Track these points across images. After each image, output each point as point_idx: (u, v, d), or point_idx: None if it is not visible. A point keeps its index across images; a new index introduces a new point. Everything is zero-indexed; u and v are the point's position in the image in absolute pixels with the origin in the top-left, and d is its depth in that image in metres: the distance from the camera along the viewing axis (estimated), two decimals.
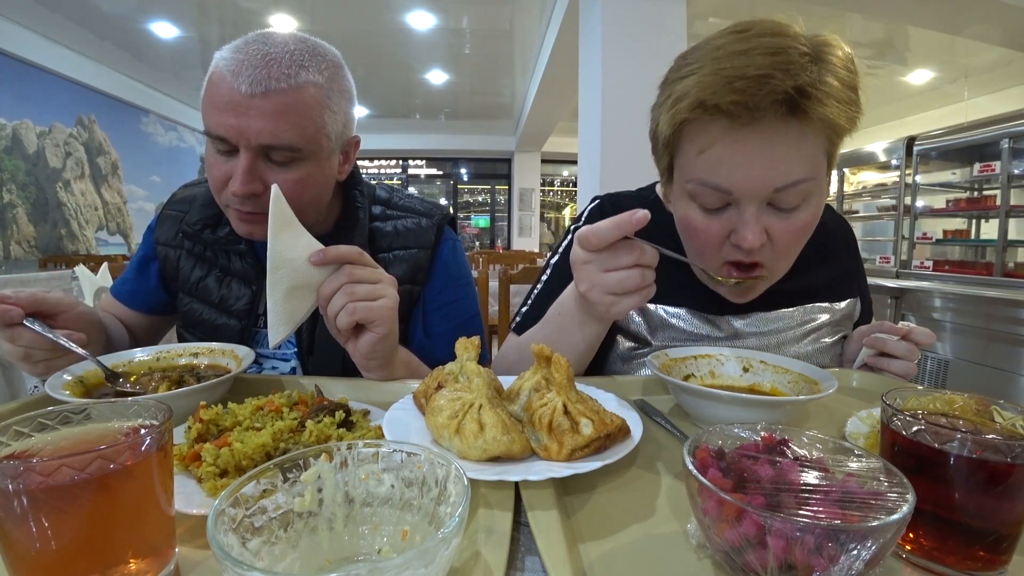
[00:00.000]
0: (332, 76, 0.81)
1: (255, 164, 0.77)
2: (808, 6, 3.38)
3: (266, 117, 0.74)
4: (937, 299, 3.03)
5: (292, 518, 0.34)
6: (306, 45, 0.79)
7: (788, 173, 0.66)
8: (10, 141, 5.01)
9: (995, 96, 5.55)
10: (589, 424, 0.48)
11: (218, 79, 0.75)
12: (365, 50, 5.74)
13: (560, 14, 4.01)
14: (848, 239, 0.98)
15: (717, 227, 0.72)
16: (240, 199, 0.78)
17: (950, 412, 0.44)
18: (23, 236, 5.22)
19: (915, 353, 0.76)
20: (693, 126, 0.69)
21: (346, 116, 0.85)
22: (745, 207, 0.69)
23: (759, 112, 0.62)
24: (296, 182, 0.80)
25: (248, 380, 0.76)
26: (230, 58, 0.75)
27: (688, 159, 0.71)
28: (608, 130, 2.96)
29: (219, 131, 0.75)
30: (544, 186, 10.58)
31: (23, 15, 4.80)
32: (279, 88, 0.74)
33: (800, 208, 0.70)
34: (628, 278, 0.61)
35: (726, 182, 0.68)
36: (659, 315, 0.88)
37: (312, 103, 0.78)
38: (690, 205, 0.74)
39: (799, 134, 0.64)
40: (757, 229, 0.68)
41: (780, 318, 0.88)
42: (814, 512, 0.33)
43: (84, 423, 0.38)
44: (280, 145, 0.76)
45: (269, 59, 0.74)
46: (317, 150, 0.81)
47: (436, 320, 0.98)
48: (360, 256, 0.70)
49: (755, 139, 0.64)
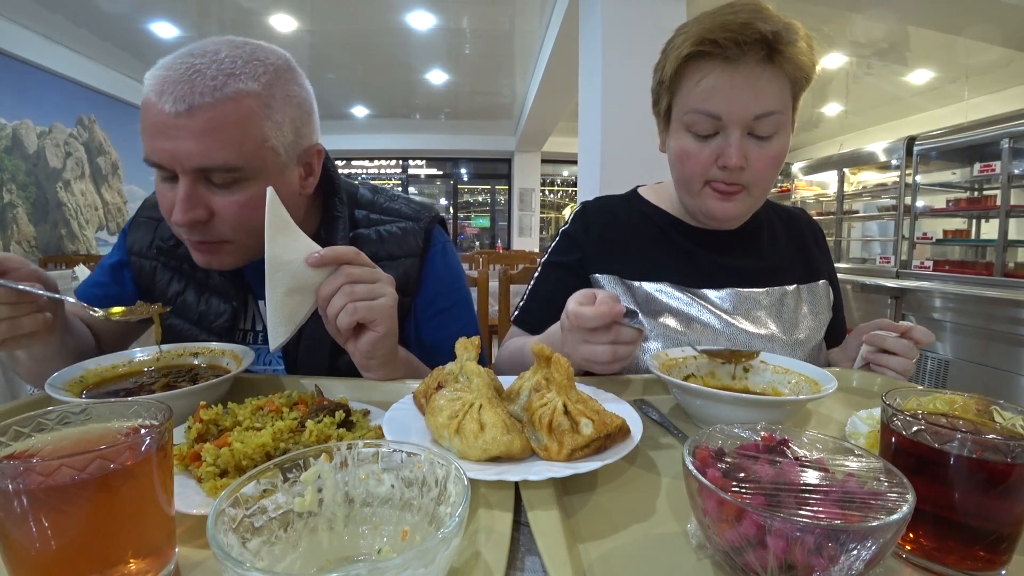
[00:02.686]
0: (272, 82, 0.73)
1: (195, 189, 0.71)
2: (808, 6, 3.38)
3: (195, 137, 0.68)
4: (937, 299, 3.03)
5: (292, 518, 0.34)
6: (240, 51, 0.72)
7: (766, 103, 0.81)
8: (10, 141, 5.01)
9: (995, 96, 5.55)
10: (589, 424, 0.48)
11: (146, 102, 0.69)
12: (365, 50, 5.74)
13: (560, 14, 4.01)
14: (817, 233, 1.10)
15: (707, 152, 0.85)
16: (186, 229, 0.73)
17: (950, 412, 0.44)
18: (23, 236, 5.22)
19: (913, 351, 0.78)
20: (693, 65, 0.84)
21: (297, 125, 0.77)
22: (731, 132, 0.83)
23: (745, 48, 0.78)
24: (243, 204, 0.73)
25: (248, 380, 0.76)
26: (155, 76, 0.68)
27: (687, 92, 0.85)
28: (608, 130, 2.95)
29: (152, 157, 0.70)
30: (544, 186, 10.58)
31: (23, 15, 4.79)
32: (204, 103, 0.67)
33: (773, 138, 0.84)
34: (601, 353, 0.67)
35: (717, 108, 0.82)
36: (644, 290, 0.95)
37: (246, 115, 0.70)
38: (685, 135, 0.87)
39: (773, 74, 0.81)
40: (740, 151, 0.82)
41: (752, 295, 0.96)
42: (814, 512, 0.33)
43: (84, 423, 0.38)
44: (216, 166, 0.70)
45: (193, 71, 0.67)
46: (262, 167, 0.73)
47: (430, 330, 0.94)
48: (357, 256, 0.70)
49: (741, 74, 0.80)
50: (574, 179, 10.92)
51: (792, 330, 0.94)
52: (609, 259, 0.98)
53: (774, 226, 1.04)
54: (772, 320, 0.95)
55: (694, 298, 0.94)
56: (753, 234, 1.01)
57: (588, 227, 1.01)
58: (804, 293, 0.99)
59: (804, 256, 1.04)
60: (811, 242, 1.06)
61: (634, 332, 0.67)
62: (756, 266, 0.97)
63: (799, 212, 1.12)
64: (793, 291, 0.98)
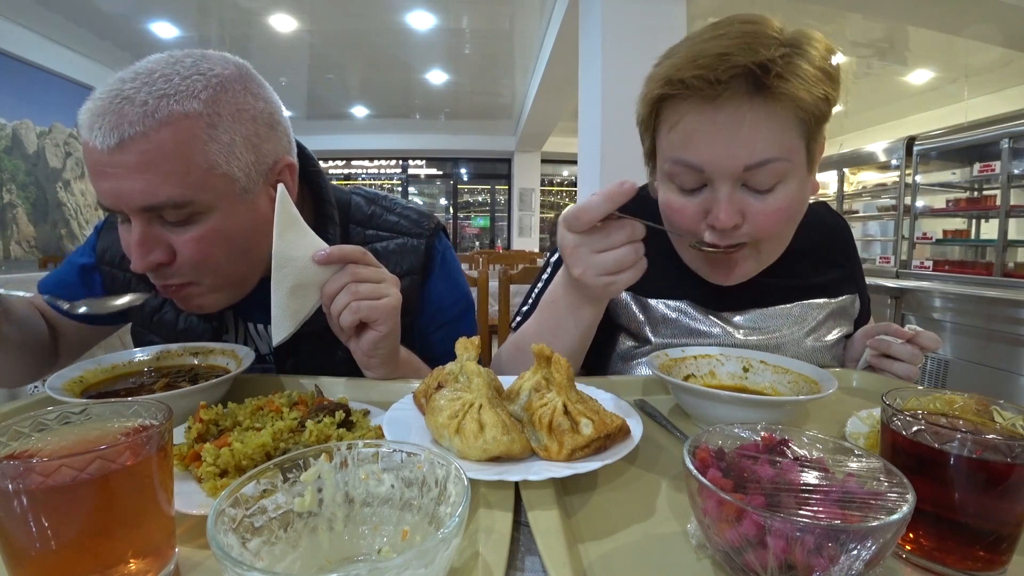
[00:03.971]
0: (214, 98, 0.64)
1: (149, 230, 0.64)
2: (808, 6, 3.38)
3: (132, 173, 0.60)
4: (937, 299, 3.03)
5: (292, 518, 0.34)
6: (177, 67, 0.63)
7: (756, 151, 0.66)
8: (10, 141, 5.01)
9: (995, 96, 5.55)
10: (589, 424, 0.48)
11: (83, 140, 0.62)
12: (365, 50, 5.74)
13: (560, 14, 4.01)
14: (846, 239, 0.99)
15: (693, 207, 0.72)
16: (152, 275, 0.68)
17: (950, 412, 0.44)
18: (23, 236, 5.22)
19: (919, 357, 0.77)
20: (667, 105, 0.71)
21: (255, 143, 0.68)
22: (719, 186, 0.69)
23: (723, 87, 0.64)
24: (201, 240, 0.66)
25: (248, 380, 0.76)
26: (86, 108, 0.61)
27: (663, 137, 0.74)
28: (608, 130, 2.95)
29: (102, 201, 0.64)
30: (544, 186, 10.58)
31: (23, 15, 4.80)
32: (135, 133, 0.59)
33: (775, 190, 0.70)
34: (624, 256, 0.61)
35: (696, 158, 0.69)
36: (660, 310, 0.88)
37: (186, 139, 0.62)
38: (669, 186, 0.75)
39: (767, 113, 0.66)
40: (730, 209, 0.69)
41: (777, 315, 0.88)
42: (814, 512, 0.33)
43: (84, 423, 0.38)
44: (161, 203, 0.62)
45: (121, 99, 0.59)
46: (216, 197, 0.66)
47: (436, 342, 0.92)
48: (363, 256, 0.70)
49: (722, 115, 0.66)
50: (574, 179, 10.91)
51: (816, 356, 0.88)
52: None
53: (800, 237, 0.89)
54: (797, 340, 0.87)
55: (715, 323, 0.87)
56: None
57: None
58: (831, 308, 0.91)
59: (832, 270, 0.94)
60: (840, 253, 0.96)
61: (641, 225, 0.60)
62: (779, 284, 0.87)
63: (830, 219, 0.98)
64: (820, 305, 0.90)
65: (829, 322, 0.90)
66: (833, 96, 0.67)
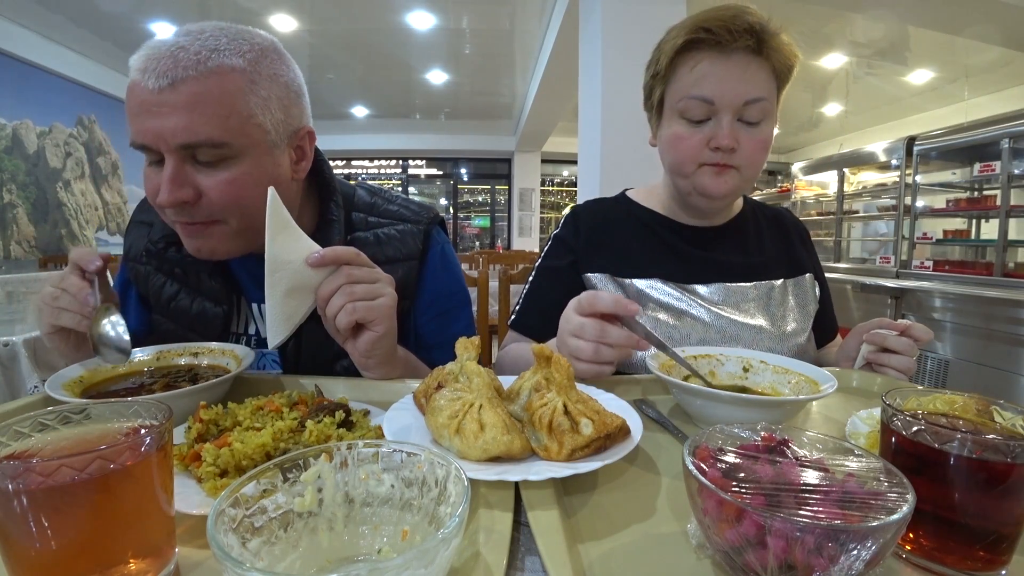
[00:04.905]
0: (257, 59, 0.72)
1: (181, 169, 0.70)
2: (808, 6, 3.37)
3: (179, 111, 0.66)
4: (937, 299, 3.02)
5: (292, 518, 0.34)
6: (226, 31, 0.72)
7: (755, 90, 0.87)
8: (10, 141, 5.01)
9: (995, 96, 5.55)
10: (589, 424, 0.48)
11: (131, 83, 0.68)
12: (365, 50, 5.74)
13: (560, 14, 4.01)
14: (801, 230, 1.14)
15: (699, 136, 0.90)
16: (174, 210, 0.72)
17: (950, 412, 0.44)
18: (23, 236, 5.22)
19: (914, 349, 0.79)
20: (687, 55, 0.89)
21: (285, 104, 0.76)
22: (722, 116, 0.88)
23: (736, 36, 0.84)
24: (230, 182, 0.72)
25: (248, 380, 0.76)
26: (139, 56, 0.68)
27: (681, 80, 0.90)
28: (608, 130, 2.95)
29: (138, 139, 0.69)
30: (544, 186, 10.57)
31: (23, 15, 4.79)
32: (187, 76, 0.66)
33: (761, 124, 0.90)
34: (583, 348, 0.67)
35: (710, 93, 0.87)
36: (635, 287, 0.98)
37: (231, 89, 0.69)
38: (679, 121, 0.92)
39: (760, 65, 0.88)
40: (731, 133, 0.87)
41: (740, 289, 0.99)
42: (814, 512, 0.33)
43: (84, 423, 0.38)
44: (200, 141, 0.68)
45: (177, 48, 0.67)
46: (250, 144, 0.72)
47: (430, 332, 0.94)
48: (357, 257, 0.70)
49: (732, 63, 0.87)
50: (574, 179, 10.91)
51: (780, 322, 0.97)
52: (600, 258, 1.00)
53: (759, 223, 1.09)
54: (760, 313, 0.98)
55: (684, 293, 0.97)
56: (739, 231, 1.05)
57: (579, 229, 1.04)
58: (790, 287, 1.03)
59: (789, 252, 1.07)
60: (796, 239, 1.10)
61: (623, 336, 0.67)
62: (743, 261, 1.01)
63: (783, 211, 1.17)
64: (780, 285, 1.02)
65: (788, 299, 1.02)
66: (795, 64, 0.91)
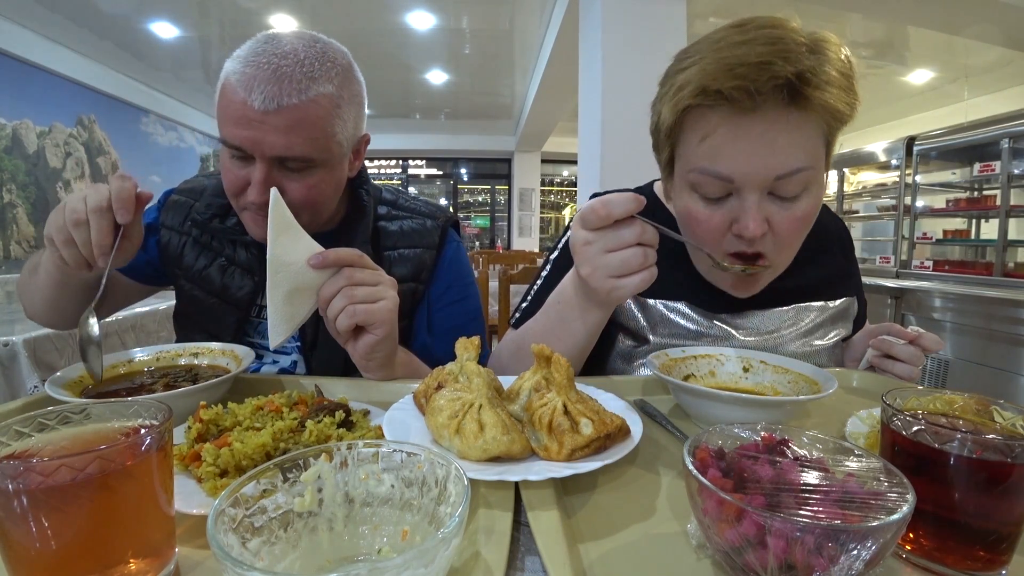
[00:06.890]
0: (343, 83, 0.81)
1: (271, 173, 0.79)
2: (808, 6, 3.37)
3: (280, 132, 0.76)
4: (937, 299, 3.03)
5: (292, 518, 0.34)
6: (315, 50, 0.79)
7: (789, 161, 0.66)
8: (10, 141, 5.00)
9: (995, 96, 5.55)
10: (589, 424, 0.48)
11: (231, 92, 0.75)
12: (365, 50, 5.73)
13: (560, 14, 4.01)
14: (844, 239, 0.99)
15: (719, 218, 0.72)
16: (258, 206, 0.81)
17: (950, 412, 0.44)
18: (23, 236, 5.21)
19: (920, 359, 0.77)
20: (695, 114, 0.69)
21: (356, 119, 0.87)
22: (746, 195, 0.69)
23: (760, 98, 0.63)
24: (311, 187, 0.82)
25: (248, 380, 0.76)
26: (240, 72, 0.75)
27: (690, 148, 0.72)
28: (608, 130, 2.95)
29: (235, 142, 0.77)
30: (544, 186, 10.57)
31: (23, 15, 4.79)
32: (291, 104, 0.75)
33: (800, 198, 0.70)
34: (632, 257, 0.60)
35: (727, 169, 0.68)
36: (659, 310, 0.88)
37: (323, 115, 0.79)
38: (691, 196, 0.74)
39: (799, 122, 0.65)
40: (759, 217, 0.68)
41: (774, 316, 0.88)
42: (814, 512, 0.33)
43: (84, 423, 0.38)
44: (294, 156, 0.78)
45: (280, 74, 0.74)
46: (329, 157, 0.83)
47: (441, 319, 0.99)
48: (360, 259, 0.70)
49: (757, 126, 0.65)
50: (574, 179, 10.91)
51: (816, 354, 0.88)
52: None
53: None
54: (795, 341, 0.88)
55: (714, 322, 0.87)
56: None
57: None
58: (829, 311, 0.91)
59: (831, 272, 0.94)
60: (839, 255, 0.96)
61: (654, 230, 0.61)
62: (779, 286, 0.86)
63: (830, 222, 0.97)
64: (819, 308, 0.90)
65: (827, 325, 0.90)
66: (856, 102, 0.68)
